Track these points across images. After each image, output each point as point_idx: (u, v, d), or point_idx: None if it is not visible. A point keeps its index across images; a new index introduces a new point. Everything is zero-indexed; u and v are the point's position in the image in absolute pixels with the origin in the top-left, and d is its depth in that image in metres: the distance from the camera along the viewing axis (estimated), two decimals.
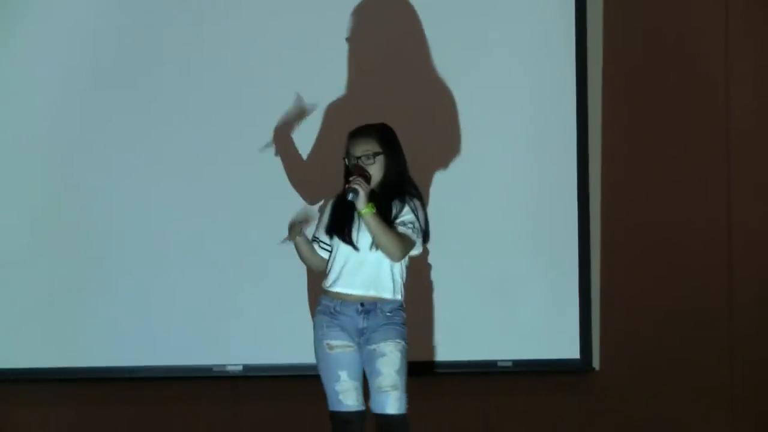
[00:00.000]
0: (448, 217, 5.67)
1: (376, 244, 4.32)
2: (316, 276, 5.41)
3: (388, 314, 4.38)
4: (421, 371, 5.57)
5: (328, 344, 4.39)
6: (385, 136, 4.43)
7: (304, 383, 5.69)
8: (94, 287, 5.62)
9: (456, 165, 5.73)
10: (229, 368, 5.65)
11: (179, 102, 5.67)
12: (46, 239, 5.63)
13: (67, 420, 5.71)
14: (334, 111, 5.65)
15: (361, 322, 4.37)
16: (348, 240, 4.38)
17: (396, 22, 5.74)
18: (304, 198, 5.52)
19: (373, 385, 4.36)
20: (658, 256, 5.89)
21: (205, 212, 5.65)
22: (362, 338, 4.38)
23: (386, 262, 4.37)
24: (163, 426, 5.71)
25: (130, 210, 5.65)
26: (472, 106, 5.74)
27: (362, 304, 4.36)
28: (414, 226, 4.36)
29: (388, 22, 5.75)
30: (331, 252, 4.48)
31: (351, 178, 4.28)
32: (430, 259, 5.69)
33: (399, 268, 4.42)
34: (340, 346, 4.38)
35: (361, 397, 4.42)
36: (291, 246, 5.54)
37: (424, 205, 4.46)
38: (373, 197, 4.31)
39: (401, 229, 4.33)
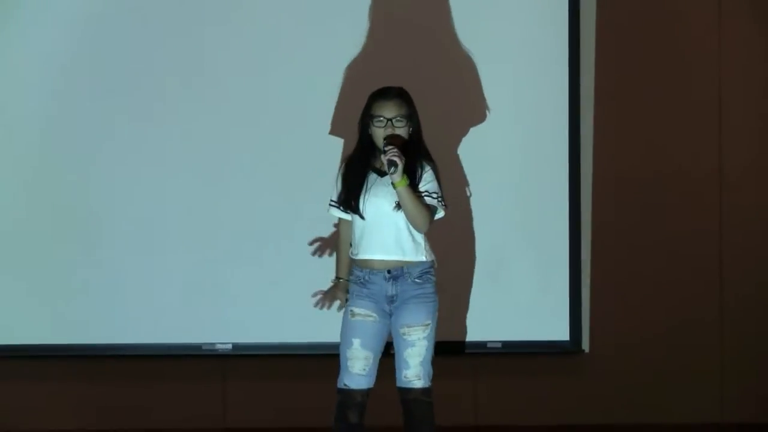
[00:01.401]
0: None
1: (406, 216, 4.31)
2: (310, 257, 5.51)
3: (417, 280, 4.37)
4: None
5: (351, 311, 4.41)
6: (410, 99, 4.42)
7: (293, 362, 5.73)
8: (85, 266, 5.64)
9: (446, 146, 5.72)
10: (219, 347, 5.66)
11: (176, 85, 5.69)
12: (39, 218, 5.64)
13: (55, 396, 5.73)
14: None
15: (390, 289, 4.37)
16: (355, 209, 4.37)
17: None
18: None
19: (400, 370, 4.41)
20: (649, 238, 5.88)
21: (197, 192, 5.65)
22: (392, 305, 4.38)
23: (403, 224, 4.36)
24: (152, 403, 5.74)
25: (122, 190, 5.65)
26: (460, 84, 5.74)
27: (389, 271, 4.36)
28: (438, 195, 4.36)
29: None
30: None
31: (387, 149, 4.23)
32: None
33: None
34: (362, 314, 4.39)
35: (369, 371, 4.41)
36: (282, 228, 5.63)
37: (438, 171, 4.44)
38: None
39: (428, 200, 4.33)
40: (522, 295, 5.73)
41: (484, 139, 5.74)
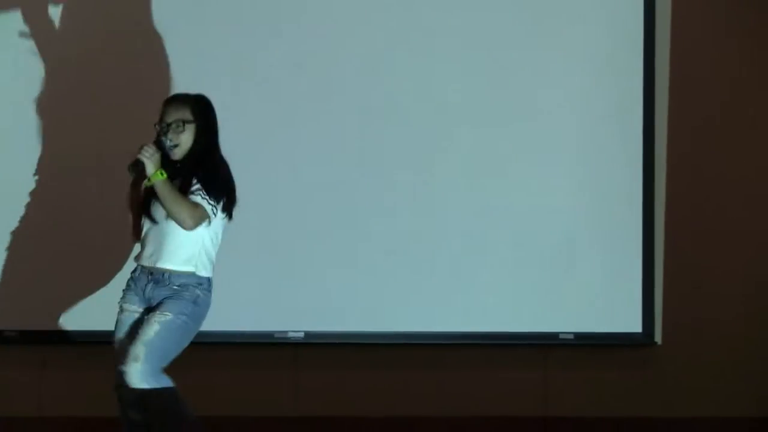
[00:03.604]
0: (509, 187, 5.68)
1: (167, 212, 4.21)
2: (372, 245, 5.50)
3: (176, 287, 4.26)
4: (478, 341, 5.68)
5: (120, 307, 4.35)
6: (199, 106, 4.34)
7: (364, 351, 5.73)
8: None
9: (519, 136, 5.69)
10: (291, 335, 5.65)
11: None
12: (105, 210, 5.67)
13: None
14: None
15: (148, 291, 4.28)
16: (147, 212, 4.31)
17: None
18: None
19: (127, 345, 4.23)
20: (723, 228, 5.84)
21: (272, 181, 5.63)
22: (147, 306, 4.30)
23: (184, 234, 4.24)
24: (224, 391, 5.73)
25: None
26: (538, 75, 5.71)
27: (151, 273, 4.28)
28: (202, 194, 4.22)
29: None
30: None
31: (140, 146, 4.18)
32: (493, 230, 5.67)
33: (201, 243, 4.28)
34: (129, 310, 4.32)
35: None
36: (356, 212, 5.61)
37: (225, 175, 4.33)
38: (177, 167, 4.24)
39: (192, 198, 4.21)
40: (595, 287, 5.70)
41: (557, 130, 5.72)
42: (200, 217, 4.23)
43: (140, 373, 4.14)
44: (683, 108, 5.81)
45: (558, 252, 5.69)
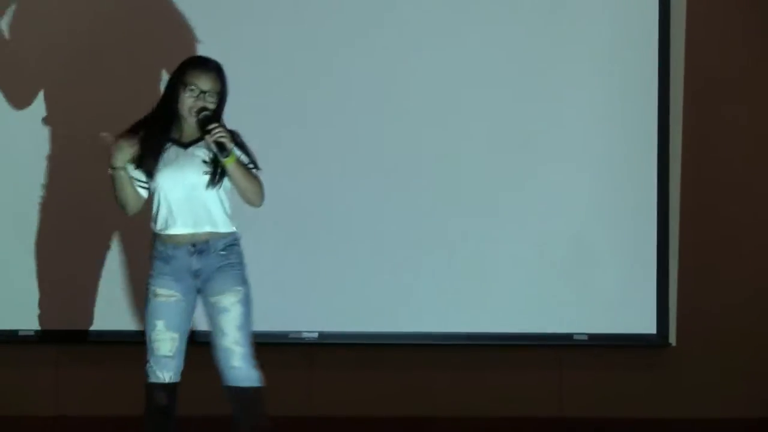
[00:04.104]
0: (523, 188, 5.68)
1: (241, 193, 4.23)
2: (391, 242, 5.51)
3: (222, 253, 4.24)
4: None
5: (154, 291, 4.24)
6: (225, 77, 4.28)
7: (378, 351, 5.74)
8: None
9: (534, 135, 5.69)
10: (305, 335, 5.68)
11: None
12: None
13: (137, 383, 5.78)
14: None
15: (195, 263, 4.23)
16: (153, 180, 4.22)
17: None
18: None
19: (218, 344, 4.25)
20: (739, 229, 5.82)
21: (285, 181, 5.65)
22: (198, 280, 4.24)
23: (215, 197, 4.23)
24: None
25: None
26: (553, 78, 5.72)
27: (194, 245, 4.22)
28: (255, 165, 4.28)
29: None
30: (147, 190, 4.30)
31: (210, 127, 4.10)
32: (506, 231, 5.68)
33: (226, 199, 4.28)
34: (165, 295, 4.23)
35: (175, 352, 4.27)
36: (371, 212, 5.62)
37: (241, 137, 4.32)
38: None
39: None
40: (609, 287, 5.70)
41: (571, 131, 5.72)
42: (263, 189, 4.29)
43: (250, 365, 4.24)
44: (698, 107, 5.79)
45: (572, 253, 5.69)
